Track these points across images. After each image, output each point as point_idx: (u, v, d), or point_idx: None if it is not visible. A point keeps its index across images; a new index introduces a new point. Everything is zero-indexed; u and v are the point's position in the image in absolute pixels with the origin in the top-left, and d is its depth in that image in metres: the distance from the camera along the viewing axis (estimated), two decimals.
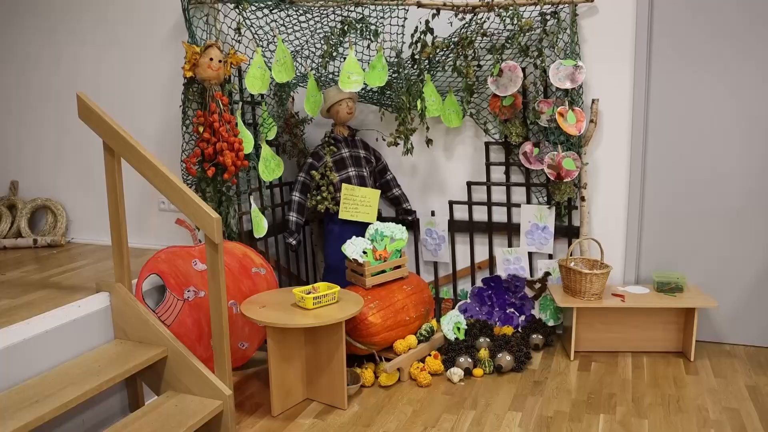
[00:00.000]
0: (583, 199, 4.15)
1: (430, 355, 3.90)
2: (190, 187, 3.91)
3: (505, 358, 3.82)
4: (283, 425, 3.32)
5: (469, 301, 4.48)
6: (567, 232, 4.26)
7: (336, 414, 3.42)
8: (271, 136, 4.15)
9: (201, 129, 3.76)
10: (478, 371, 3.81)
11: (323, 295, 3.43)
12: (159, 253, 3.59)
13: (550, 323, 4.33)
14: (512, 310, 4.41)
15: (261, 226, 4.15)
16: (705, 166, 4.04)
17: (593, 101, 4.02)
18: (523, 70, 4.01)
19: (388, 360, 3.86)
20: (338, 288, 3.50)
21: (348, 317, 3.32)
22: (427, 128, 4.22)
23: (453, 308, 4.61)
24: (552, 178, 4.02)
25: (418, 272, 4.75)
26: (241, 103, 4.02)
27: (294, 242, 4.25)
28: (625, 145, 4.09)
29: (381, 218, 4.68)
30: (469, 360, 3.82)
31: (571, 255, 4.09)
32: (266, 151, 4.13)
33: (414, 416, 3.36)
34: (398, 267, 4.01)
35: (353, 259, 3.87)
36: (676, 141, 4.06)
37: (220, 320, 3.08)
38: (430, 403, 3.50)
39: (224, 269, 3.05)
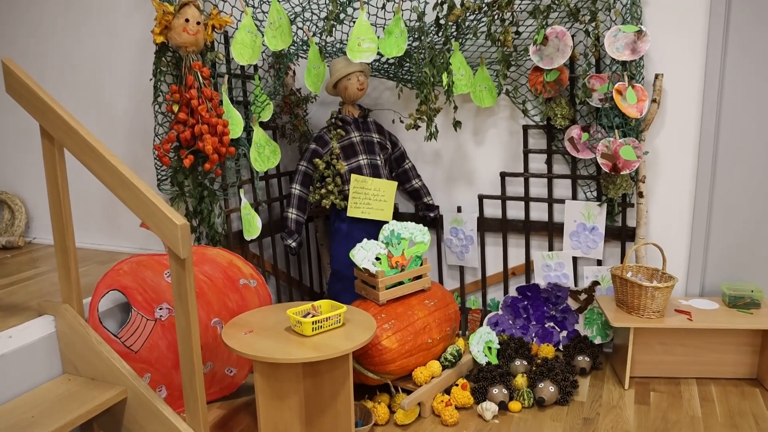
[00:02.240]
0: (641, 195, 3.43)
1: (456, 384, 3.22)
2: (165, 181, 3.22)
3: (548, 389, 3.13)
4: None
5: (500, 312, 3.81)
6: (620, 234, 3.57)
7: None
8: (266, 117, 3.46)
9: (176, 108, 3.06)
10: (515, 405, 3.13)
11: (325, 318, 2.74)
12: (120, 264, 2.92)
13: (597, 341, 3.64)
14: (552, 324, 3.73)
15: (253, 225, 3.46)
16: None
17: (656, 77, 3.30)
18: (572, 37, 3.27)
19: (405, 391, 3.18)
20: (344, 308, 2.81)
21: (357, 347, 2.64)
22: (455, 108, 3.50)
23: (482, 320, 3.92)
24: (606, 170, 3.29)
25: (440, 279, 4.06)
26: (227, 77, 3.32)
27: (294, 244, 3.58)
28: (693, 130, 3.37)
29: (397, 215, 3.98)
30: (504, 391, 3.14)
31: (626, 262, 3.38)
32: (259, 135, 3.43)
33: None
34: (419, 277, 3.31)
35: (364, 268, 3.18)
36: (755, 128, 3.35)
37: (190, 355, 2.43)
38: None
39: (194, 290, 2.37)
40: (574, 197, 3.65)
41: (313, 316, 2.80)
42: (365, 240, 3.28)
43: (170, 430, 2.50)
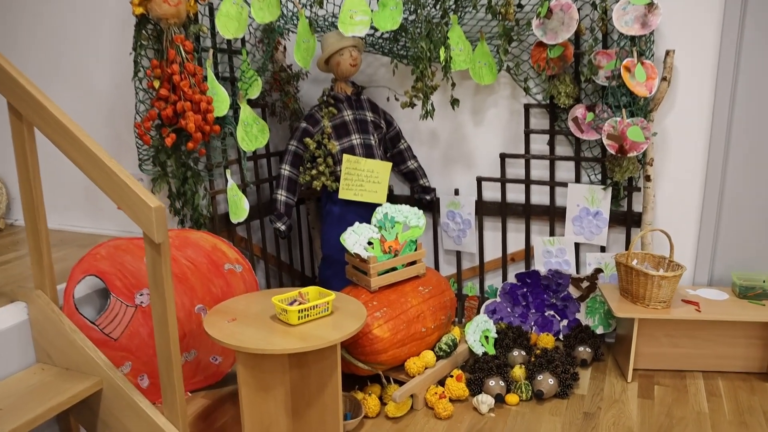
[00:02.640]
0: (648, 178, 3.27)
1: (451, 376, 3.07)
2: (147, 161, 3.06)
3: (547, 382, 2.99)
4: None
5: (498, 300, 3.66)
6: (625, 219, 3.41)
7: None
8: (254, 94, 3.29)
9: (157, 84, 2.89)
10: (512, 398, 2.99)
11: (312, 306, 2.59)
12: (98, 249, 2.76)
13: (599, 331, 3.50)
14: (552, 313, 3.58)
15: (240, 207, 3.31)
16: None
17: (667, 53, 3.12)
18: (578, 10, 3.09)
19: (398, 382, 3.04)
20: (333, 296, 2.65)
21: (345, 337, 2.49)
22: (452, 85, 3.32)
23: (479, 307, 3.77)
24: (612, 152, 3.12)
25: (436, 264, 3.91)
26: (212, 51, 3.14)
27: (283, 227, 3.42)
28: (706, 111, 3.21)
29: (392, 198, 3.82)
30: (501, 383, 3.00)
31: (632, 249, 3.22)
32: (247, 113, 3.27)
33: None
34: (413, 263, 3.16)
35: (355, 253, 3.03)
36: None
37: (167, 345, 2.28)
38: None
39: (171, 277, 2.22)
40: (578, 180, 3.48)
41: (299, 303, 2.65)
42: (357, 223, 3.12)
43: (148, 424, 2.36)
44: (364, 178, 3.47)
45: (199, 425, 2.89)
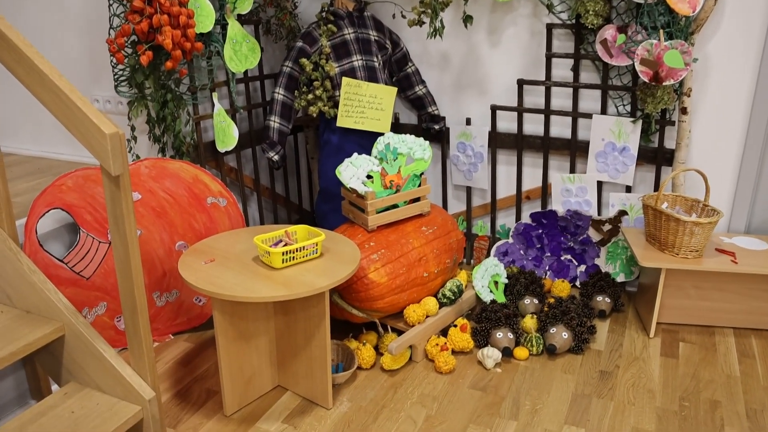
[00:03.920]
0: (684, 111, 2.91)
1: (455, 325, 2.80)
2: (123, 82, 2.75)
3: (561, 336, 2.72)
4: None
5: (511, 241, 3.38)
6: (656, 156, 3.08)
7: (315, 416, 2.40)
8: (244, 8, 2.96)
9: None
10: (521, 352, 2.73)
11: (299, 248, 2.31)
12: (63, 179, 2.50)
13: (620, 279, 3.21)
14: (569, 257, 3.29)
15: (228, 134, 3.00)
16: None
17: None
18: None
19: (397, 331, 2.78)
20: (322, 236, 2.37)
21: (334, 284, 2.22)
22: (465, 0, 2.91)
23: (489, 249, 3.48)
24: (646, 79, 2.76)
25: (444, 201, 3.61)
26: None
27: (276, 157, 3.13)
28: (757, 34, 2.83)
29: (397, 127, 3.49)
30: (510, 336, 2.73)
31: (662, 191, 2.88)
32: (235, 29, 2.93)
33: (426, 427, 2.33)
34: (416, 200, 2.85)
35: (351, 188, 2.73)
36: None
37: (131, 291, 2.04)
38: (451, 404, 2.45)
39: (132, 214, 1.94)
40: (604, 111, 3.14)
41: (285, 244, 2.37)
42: (356, 155, 2.81)
43: (112, 376, 2.13)
44: (365, 104, 3.14)
45: (179, 371, 2.68)
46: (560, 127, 3.29)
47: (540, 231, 3.34)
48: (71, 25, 3.15)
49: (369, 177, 2.79)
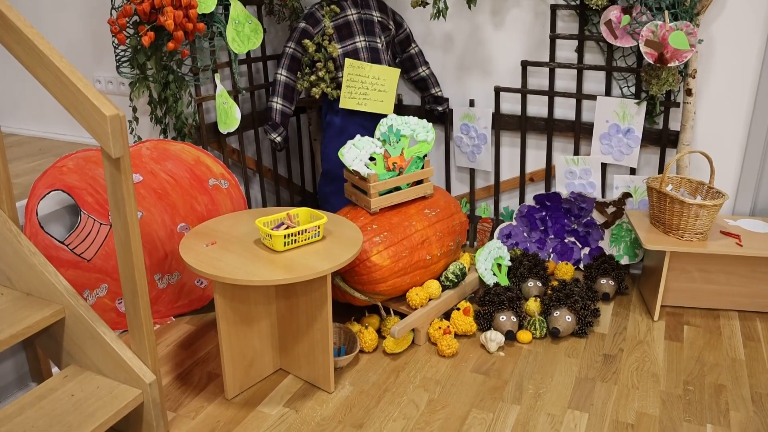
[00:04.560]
0: (689, 92, 2.87)
1: (458, 308, 2.79)
2: (125, 63, 2.72)
3: (564, 319, 2.71)
4: (236, 416, 2.31)
5: (514, 223, 3.36)
6: (660, 138, 3.05)
7: (317, 399, 2.39)
8: None
9: None
10: (524, 335, 2.72)
11: (301, 231, 2.29)
12: (64, 161, 2.48)
13: (624, 261, 3.19)
14: (573, 239, 3.27)
15: (231, 116, 2.98)
16: None
17: None
18: None
19: (399, 314, 2.77)
20: (324, 219, 2.35)
21: (336, 268, 2.20)
22: None
23: (492, 231, 3.46)
24: (651, 61, 2.72)
25: (447, 183, 3.59)
26: None
27: (278, 138, 3.11)
28: (763, 14, 2.77)
29: (400, 108, 3.47)
30: (513, 319, 2.72)
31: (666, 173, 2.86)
32: (238, 10, 2.90)
33: (429, 411, 2.32)
34: (420, 182, 2.83)
35: (354, 170, 2.70)
36: None
37: (131, 274, 2.03)
38: (454, 388, 2.44)
39: (133, 196, 1.92)
40: (608, 93, 3.11)
41: (287, 227, 2.36)
42: (358, 136, 2.78)
43: (113, 358, 2.12)
44: (368, 85, 3.10)
45: (181, 354, 2.67)
46: (564, 109, 3.26)
47: (543, 213, 3.32)
48: (73, 5, 3.12)
49: (372, 159, 2.77)
